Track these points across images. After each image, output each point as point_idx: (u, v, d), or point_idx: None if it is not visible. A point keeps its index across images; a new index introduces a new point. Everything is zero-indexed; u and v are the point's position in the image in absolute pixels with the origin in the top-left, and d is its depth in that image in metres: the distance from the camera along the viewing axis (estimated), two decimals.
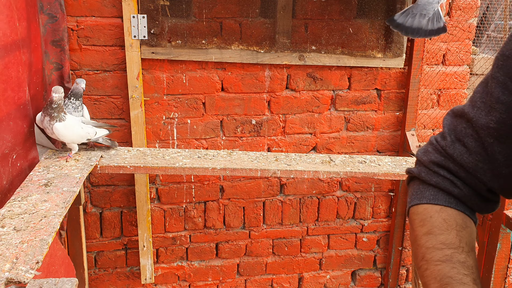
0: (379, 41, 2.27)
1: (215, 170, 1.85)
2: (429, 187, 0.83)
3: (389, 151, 2.52)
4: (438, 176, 0.82)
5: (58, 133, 1.71)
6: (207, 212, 2.48)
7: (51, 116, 1.69)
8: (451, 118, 0.85)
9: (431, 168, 0.83)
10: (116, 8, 2.06)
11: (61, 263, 1.96)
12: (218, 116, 2.32)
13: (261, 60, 2.22)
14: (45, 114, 1.70)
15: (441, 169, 0.82)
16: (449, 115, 0.86)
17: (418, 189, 0.85)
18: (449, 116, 0.86)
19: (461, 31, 2.36)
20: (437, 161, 0.82)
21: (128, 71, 2.11)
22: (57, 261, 1.92)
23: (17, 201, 1.46)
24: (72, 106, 1.81)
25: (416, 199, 0.84)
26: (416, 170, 0.86)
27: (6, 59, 1.57)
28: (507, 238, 1.73)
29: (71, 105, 1.81)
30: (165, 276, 2.55)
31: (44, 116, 1.71)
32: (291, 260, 2.67)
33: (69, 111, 1.82)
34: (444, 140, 0.82)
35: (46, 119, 1.70)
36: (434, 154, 0.83)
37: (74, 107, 1.82)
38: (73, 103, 1.81)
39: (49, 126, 1.71)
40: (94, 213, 2.37)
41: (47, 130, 1.73)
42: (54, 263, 1.87)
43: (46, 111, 1.70)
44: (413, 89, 2.36)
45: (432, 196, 0.82)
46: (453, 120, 0.84)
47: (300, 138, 2.42)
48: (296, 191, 2.52)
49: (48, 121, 1.70)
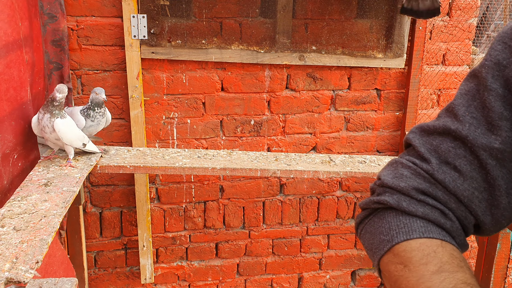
0: (379, 41, 2.27)
1: (215, 170, 1.85)
2: (415, 219, 0.67)
3: (389, 151, 2.52)
4: (425, 205, 0.67)
5: (59, 130, 1.66)
6: (207, 212, 2.48)
7: (52, 113, 1.65)
8: (424, 136, 0.71)
9: (414, 196, 0.67)
10: (116, 8, 2.06)
11: (60, 264, 1.96)
12: (218, 116, 2.32)
13: (261, 60, 2.22)
14: (44, 112, 1.66)
15: (428, 198, 0.67)
16: (417, 134, 0.72)
17: (399, 221, 0.68)
18: (418, 135, 0.71)
19: (461, 31, 2.37)
20: (422, 188, 0.67)
21: (128, 71, 2.11)
22: (56, 261, 1.92)
23: (17, 201, 1.46)
24: (100, 115, 1.80)
25: (402, 234, 0.66)
26: (392, 200, 0.69)
27: (8, 58, 1.57)
28: (507, 238, 1.73)
29: (98, 115, 1.80)
30: (165, 276, 2.55)
31: (43, 114, 1.67)
32: (291, 260, 2.67)
33: (98, 120, 1.81)
34: (428, 163, 0.68)
35: (46, 116, 1.66)
36: (415, 179, 0.68)
37: (101, 114, 1.81)
38: (98, 111, 1.80)
39: (49, 124, 1.66)
40: (94, 213, 2.38)
41: (46, 128, 1.68)
42: (53, 263, 1.87)
43: (46, 108, 1.66)
44: (413, 89, 2.36)
45: (423, 228, 0.66)
46: (428, 139, 0.70)
47: (300, 138, 2.42)
48: (296, 191, 2.52)
49: (49, 118, 1.66)
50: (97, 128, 1.85)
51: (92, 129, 1.84)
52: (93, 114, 1.80)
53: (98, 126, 1.84)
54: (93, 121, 1.81)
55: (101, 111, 1.81)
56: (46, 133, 1.68)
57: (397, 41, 2.29)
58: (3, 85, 1.56)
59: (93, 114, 1.80)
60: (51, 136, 1.69)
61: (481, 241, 1.83)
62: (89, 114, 1.80)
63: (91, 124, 1.82)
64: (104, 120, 1.84)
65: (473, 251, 2.82)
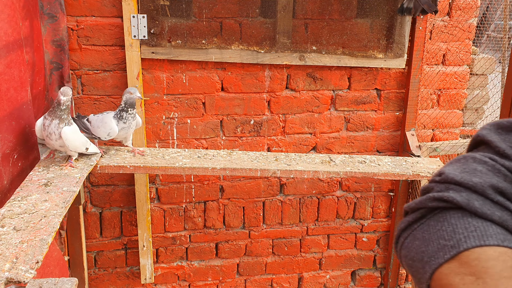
0: (380, 41, 2.27)
1: (215, 170, 1.85)
2: (489, 224, 0.54)
3: (389, 151, 2.52)
4: (503, 210, 0.54)
5: (66, 138, 1.62)
6: (207, 212, 2.48)
7: (61, 118, 1.60)
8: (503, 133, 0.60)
9: (490, 196, 0.55)
10: (116, 8, 2.06)
11: (56, 264, 1.96)
12: (218, 116, 2.32)
13: (261, 60, 2.22)
14: (52, 117, 1.61)
15: (508, 201, 0.55)
16: (492, 131, 0.62)
17: (468, 224, 0.54)
18: (494, 132, 0.61)
19: (461, 31, 2.37)
20: (501, 187, 0.55)
21: (128, 71, 2.11)
22: (53, 262, 1.92)
23: (17, 201, 1.46)
24: (131, 117, 1.76)
25: (473, 239, 0.52)
26: (460, 197, 0.55)
27: (8, 58, 1.57)
28: None
29: (130, 116, 1.75)
30: (165, 276, 2.55)
31: (51, 120, 1.61)
32: (291, 260, 2.67)
33: (129, 122, 1.77)
34: (510, 160, 0.57)
35: (55, 122, 1.60)
36: (493, 176, 0.56)
37: (132, 116, 1.76)
38: (130, 113, 1.76)
39: (57, 131, 1.60)
40: (94, 213, 2.38)
41: (52, 135, 1.62)
42: (49, 264, 1.87)
43: (54, 114, 1.60)
44: (413, 89, 2.36)
45: (501, 236, 0.53)
46: (508, 136, 0.60)
47: (300, 138, 2.42)
48: (296, 191, 2.52)
49: (57, 124, 1.60)
50: (128, 131, 1.79)
51: (123, 133, 1.79)
52: (126, 116, 1.75)
53: (129, 130, 1.79)
54: (125, 123, 1.77)
55: (133, 112, 1.76)
56: (52, 140, 1.63)
57: (398, 41, 2.29)
58: (4, 85, 1.55)
59: (126, 116, 1.75)
60: (56, 143, 1.65)
61: None
62: (121, 116, 1.76)
63: (123, 126, 1.77)
64: (134, 123, 1.80)
65: None
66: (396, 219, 2.61)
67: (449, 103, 2.49)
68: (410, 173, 1.98)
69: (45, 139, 1.66)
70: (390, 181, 2.60)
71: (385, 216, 2.66)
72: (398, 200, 2.57)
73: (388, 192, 2.62)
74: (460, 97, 2.50)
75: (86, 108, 2.19)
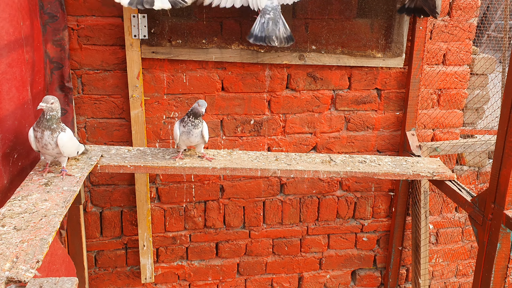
0: (379, 40, 2.27)
1: (215, 170, 1.85)
2: None
3: (389, 151, 2.52)
4: None
5: (62, 145, 1.59)
6: (207, 212, 2.48)
7: (51, 128, 1.56)
8: None
9: None
10: (116, 8, 2.06)
11: (61, 262, 1.96)
12: (218, 116, 2.32)
13: (261, 59, 2.22)
14: (42, 129, 1.56)
15: None
16: None
17: None
18: None
19: (462, 31, 2.36)
20: None
21: (129, 70, 2.12)
22: (58, 260, 1.92)
23: (18, 200, 1.46)
24: (192, 124, 1.83)
25: None
26: None
27: (10, 57, 1.57)
28: (507, 238, 1.73)
29: (190, 123, 1.83)
30: (165, 276, 2.56)
31: (42, 132, 1.56)
32: (291, 259, 2.67)
33: (188, 127, 1.82)
34: None
35: (46, 133, 1.56)
36: None
37: (194, 124, 1.83)
38: (192, 121, 1.82)
39: (52, 141, 1.57)
40: (94, 212, 2.38)
41: (48, 146, 1.58)
42: (54, 262, 1.88)
43: (42, 125, 1.55)
44: (413, 89, 2.36)
45: None
46: None
47: (300, 137, 2.42)
48: (296, 190, 2.52)
49: (50, 135, 1.56)
50: (188, 136, 1.83)
51: (185, 138, 1.84)
52: (186, 120, 1.83)
53: (188, 135, 1.83)
54: (185, 127, 1.82)
55: (195, 122, 1.82)
56: (49, 150, 1.60)
57: (396, 41, 2.29)
58: (6, 84, 1.56)
59: (186, 120, 1.83)
60: (54, 151, 1.61)
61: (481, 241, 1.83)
62: (183, 119, 1.84)
63: (183, 130, 1.83)
64: (195, 131, 1.83)
65: (473, 251, 2.82)
66: (396, 219, 2.61)
67: (450, 103, 2.49)
68: (410, 173, 1.98)
69: (41, 150, 1.62)
70: (390, 181, 2.60)
71: (385, 216, 2.66)
72: (398, 200, 2.57)
73: (388, 192, 2.62)
74: (461, 97, 2.50)
75: (86, 108, 2.19)
